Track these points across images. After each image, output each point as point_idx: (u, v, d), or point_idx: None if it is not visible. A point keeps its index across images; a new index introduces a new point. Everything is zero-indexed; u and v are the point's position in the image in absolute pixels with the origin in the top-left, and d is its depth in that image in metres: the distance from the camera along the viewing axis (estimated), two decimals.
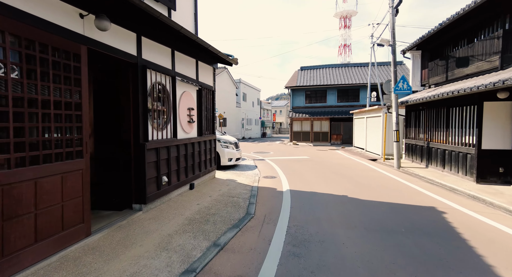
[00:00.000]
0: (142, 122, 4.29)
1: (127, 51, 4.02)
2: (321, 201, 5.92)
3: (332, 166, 11.06)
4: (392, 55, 11.25)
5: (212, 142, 7.32)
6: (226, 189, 6.45)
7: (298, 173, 9.41)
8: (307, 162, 12.22)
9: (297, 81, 26.02)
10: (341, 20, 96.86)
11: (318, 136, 25.05)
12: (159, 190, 4.69)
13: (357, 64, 27.74)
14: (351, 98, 24.85)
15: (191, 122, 5.97)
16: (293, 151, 17.14)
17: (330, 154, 15.60)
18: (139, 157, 4.25)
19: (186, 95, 5.83)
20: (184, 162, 5.65)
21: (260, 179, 8.35)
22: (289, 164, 11.57)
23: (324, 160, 12.97)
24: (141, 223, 3.99)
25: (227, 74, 31.87)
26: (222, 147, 10.01)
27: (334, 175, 9.08)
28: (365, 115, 17.20)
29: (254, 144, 23.62)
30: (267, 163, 11.73)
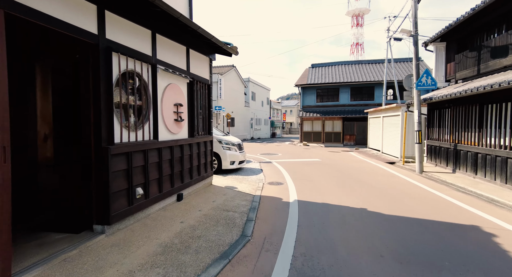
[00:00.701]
0: (106, 119, 3.34)
1: (83, 27, 3.08)
2: (335, 216, 4.85)
3: (346, 170, 9.93)
4: (414, 46, 10.03)
5: (208, 144, 6.34)
6: (222, 200, 5.46)
7: (308, 178, 8.34)
8: (318, 165, 11.12)
9: (308, 79, 24.86)
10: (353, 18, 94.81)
11: (330, 136, 23.84)
12: (131, 206, 3.74)
13: (371, 61, 26.36)
14: (365, 97, 23.52)
15: (178, 120, 5.00)
16: (303, 153, 16.04)
17: (343, 156, 14.43)
18: (101, 164, 3.30)
19: (172, 89, 4.87)
20: (168, 168, 4.68)
21: (265, 186, 7.33)
22: (298, 167, 10.50)
23: (337, 163, 11.84)
24: (98, 252, 3.03)
25: (235, 73, 30.97)
26: (224, 149, 9.04)
27: (349, 181, 7.97)
28: (382, 114, 15.94)
29: (262, 145, 22.60)
30: (274, 167, 10.70)
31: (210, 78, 6.53)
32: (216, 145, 9.02)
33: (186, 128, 5.40)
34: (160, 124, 4.48)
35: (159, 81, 4.49)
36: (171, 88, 4.81)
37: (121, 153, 3.53)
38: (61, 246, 2.94)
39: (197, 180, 5.80)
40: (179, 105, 5.02)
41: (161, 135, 4.52)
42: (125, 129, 3.72)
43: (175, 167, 4.86)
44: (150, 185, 4.16)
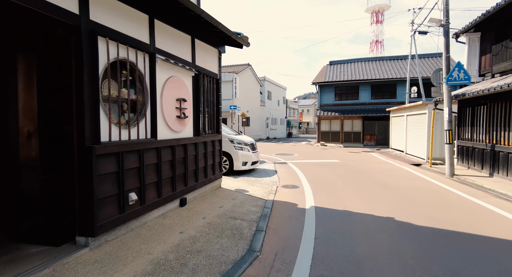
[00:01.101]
0: (90, 115, 2.88)
1: (61, 5, 2.62)
2: (358, 227, 4.21)
3: (367, 172, 9.16)
4: (445, 37, 9.13)
5: (216, 144, 5.83)
6: (230, 206, 4.92)
7: (326, 181, 7.67)
8: (337, 167, 10.39)
9: (326, 76, 23.99)
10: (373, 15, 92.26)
11: (349, 136, 22.88)
12: (122, 214, 3.27)
13: (393, 57, 25.14)
14: (386, 95, 22.41)
15: (181, 117, 4.51)
16: (320, 153, 15.30)
17: (364, 157, 13.59)
18: (84, 167, 2.84)
19: (175, 82, 4.39)
20: (169, 171, 4.20)
21: (278, 189, 6.74)
22: (315, 169, 9.83)
23: (357, 164, 11.06)
24: (76, 271, 2.56)
25: (250, 71, 30.49)
26: (236, 149, 8.52)
27: (371, 185, 7.24)
28: (405, 113, 14.94)
29: (277, 145, 21.97)
30: (289, 168, 10.08)
31: (219, 72, 6.01)
32: (227, 144, 8.53)
33: (191, 126, 4.90)
34: (159, 121, 4.00)
35: (159, 73, 4.01)
36: (173, 81, 4.32)
37: (109, 154, 3.06)
38: (33, 263, 2.49)
39: (204, 183, 5.30)
40: (182, 100, 4.53)
41: (161, 133, 4.04)
42: (116, 126, 3.25)
43: (177, 169, 4.37)
44: (146, 189, 3.69)
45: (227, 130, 9.64)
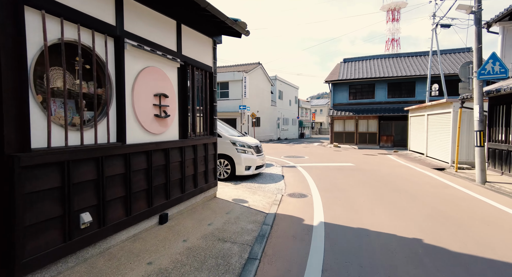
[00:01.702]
0: (13, 111, 2.13)
1: None
2: (379, 254, 3.31)
3: (386, 178, 8.17)
4: (476, 26, 8.03)
5: (210, 148, 5.04)
6: (222, 222, 4.12)
7: (339, 188, 6.76)
8: (352, 171, 9.42)
9: (340, 74, 22.90)
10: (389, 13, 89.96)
11: (364, 137, 21.72)
12: (69, 242, 2.51)
13: (411, 53, 23.77)
14: (404, 93, 21.12)
15: (161, 116, 3.74)
16: (333, 156, 14.30)
17: (381, 160, 12.52)
18: (3, 182, 2.10)
19: (152, 73, 3.62)
20: (143, 182, 3.43)
21: (284, 199, 5.90)
22: (327, 174, 8.90)
23: (374, 168, 10.05)
24: None
25: (261, 70, 29.68)
26: (238, 151, 7.73)
27: (392, 194, 6.28)
28: (426, 112, 13.77)
29: (288, 146, 21.05)
30: (299, 172, 9.19)
31: (214, 64, 5.22)
32: (228, 147, 7.75)
33: (176, 127, 4.12)
34: (129, 120, 3.24)
35: (130, 61, 3.25)
36: (150, 73, 3.56)
37: (46, 164, 2.31)
38: None
39: (193, 194, 4.51)
40: (162, 96, 3.76)
41: (132, 136, 3.28)
42: (61, 127, 2.51)
43: (155, 179, 3.60)
44: (108, 207, 2.93)
45: (230, 130, 8.86)
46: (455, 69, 18.90)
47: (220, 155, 7.80)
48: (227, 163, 7.77)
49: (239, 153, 7.71)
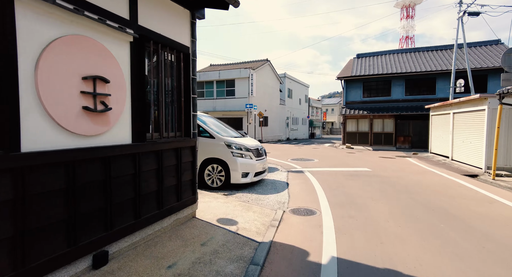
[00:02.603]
0: None
1: None
2: None
3: (412, 188, 6.78)
4: None
5: (185, 154, 3.81)
6: (191, 261, 2.89)
7: (356, 203, 5.44)
8: (369, 179, 8.05)
9: (353, 70, 21.40)
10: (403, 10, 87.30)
11: (379, 138, 20.17)
12: None
13: (431, 47, 22.04)
14: (424, 90, 19.48)
15: (97, 110, 2.54)
16: (346, 159, 12.90)
17: (400, 165, 11.07)
18: None
19: (79, 46, 2.42)
20: (59, 209, 2.24)
21: (285, 217, 4.63)
22: (340, 182, 7.57)
23: (395, 175, 8.64)
24: None
25: (269, 67, 28.41)
26: (234, 155, 6.50)
27: (426, 213, 4.91)
28: (452, 110, 12.23)
29: (296, 148, 19.69)
30: (306, 179, 7.89)
31: (193, 44, 3.99)
32: (222, 150, 6.53)
33: (126, 126, 2.91)
34: (29, 114, 2.05)
35: (28, 21, 2.06)
36: (74, 44, 2.36)
37: None
38: None
39: (156, 218, 3.30)
40: (99, 80, 2.56)
41: (36, 138, 2.10)
42: None
43: (82, 204, 2.41)
44: None
45: (228, 131, 7.65)
46: (481, 64, 17.17)
47: (212, 160, 6.60)
48: (220, 169, 6.55)
49: (234, 157, 6.48)
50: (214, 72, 25.18)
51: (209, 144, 6.63)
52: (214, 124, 7.51)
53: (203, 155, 6.61)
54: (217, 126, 7.60)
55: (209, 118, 7.67)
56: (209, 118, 7.64)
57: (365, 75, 20.25)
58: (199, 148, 6.59)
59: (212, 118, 7.84)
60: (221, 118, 25.46)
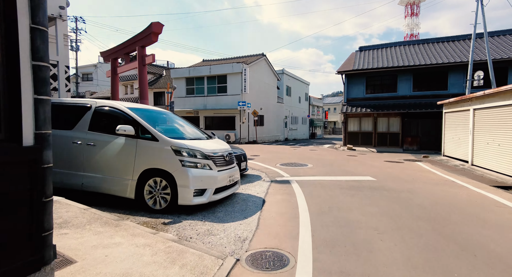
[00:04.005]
0: None
1: None
2: None
3: (432, 209, 4.85)
4: None
5: (9, 176, 1.93)
6: None
7: (354, 241, 3.52)
8: (374, 193, 6.14)
9: (355, 64, 19.46)
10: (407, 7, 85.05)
11: (384, 138, 18.25)
12: None
13: (442, 38, 20.04)
14: (434, 85, 17.52)
15: None
16: (346, 163, 10.98)
17: (411, 172, 9.13)
18: None
19: None
20: None
21: (235, 273, 2.76)
22: (334, 199, 5.66)
23: (407, 187, 6.71)
24: None
25: (265, 63, 26.52)
26: (185, 165, 4.62)
27: (464, 259, 2.98)
28: (472, 106, 10.28)
29: (291, 149, 17.79)
30: (291, 194, 5.99)
31: None
32: (167, 157, 4.67)
33: None
34: None
35: None
36: None
37: None
38: None
39: None
40: None
41: None
42: None
43: None
44: None
45: (187, 130, 5.79)
46: (501, 55, 15.17)
47: (155, 171, 4.73)
48: (165, 185, 4.68)
49: (184, 167, 4.60)
50: (204, 67, 23.35)
51: (150, 149, 4.77)
52: (162, 120, 5.67)
53: (142, 164, 4.75)
54: (166, 123, 5.76)
55: (159, 114, 5.81)
56: (158, 114, 5.78)
57: (368, 68, 18.31)
58: (137, 154, 4.75)
59: (164, 113, 5.98)
60: (212, 117, 23.62)
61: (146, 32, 14.87)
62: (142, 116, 5.11)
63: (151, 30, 14.44)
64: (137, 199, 4.79)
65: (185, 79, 24.43)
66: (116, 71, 18.67)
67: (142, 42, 15.29)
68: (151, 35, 14.55)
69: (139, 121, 4.90)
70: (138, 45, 15.55)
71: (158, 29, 14.43)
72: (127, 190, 4.84)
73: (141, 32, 15.35)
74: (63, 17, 10.61)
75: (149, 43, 15.05)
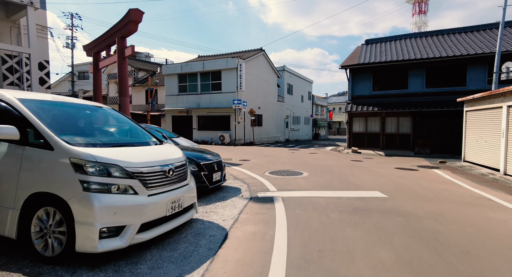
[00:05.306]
0: None
1: None
2: None
3: (477, 254, 3.06)
4: None
5: None
6: None
7: None
8: (385, 221, 4.34)
9: (361, 58, 17.61)
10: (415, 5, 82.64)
11: (393, 140, 16.42)
12: None
13: (458, 29, 18.07)
14: (450, 81, 15.62)
15: None
16: (349, 172, 9.19)
17: (430, 184, 7.30)
18: None
19: None
20: None
21: None
22: (330, 231, 3.87)
23: (428, 209, 4.89)
24: None
25: (263, 58, 24.77)
26: (89, 189, 2.94)
27: None
28: (505, 102, 8.43)
29: (288, 153, 16.01)
30: (269, 222, 4.23)
31: None
32: (63, 176, 2.96)
33: None
34: None
35: None
36: None
37: None
38: None
39: None
40: None
41: None
42: None
43: None
44: None
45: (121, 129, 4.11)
46: None
47: (47, 197, 3.04)
48: (60, 219, 2.98)
49: (88, 192, 2.89)
50: (197, 63, 21.68)
51: (42, 161, 3.10)
52: (89, 120, 3.99)
53: (28, 186, 3.07)
54: (93, 124, 4.07)
55: (83, 110, 4.10)
56: (81, 110, 4.07)
57: (375, 62, 16.45)
58: (23, 169, 3.08)
59: (96, 109, 4.27)
60: (206, 116, 21.95)
61: (125, 21, 13.22)
62: (43, 112, 3.43)
63: (130, 18, 12.77)
64: (20, 239, 3.11)
65: (177, 76, 22.79)
66: (98, 66, 17.06)
67: (121, 32, 13.63)
68: (130, 24, 12.88)
69: (30, 119, 3.21)
70: (118, 36, 13.90)
71: (137, 17, 12.77)
72: (5, 225, 3.16)
73: (119, 21, 13.71)
74: (35, 4, 9.05)
75: (128, 33, 13.39)
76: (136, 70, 30.73)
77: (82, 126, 3.84)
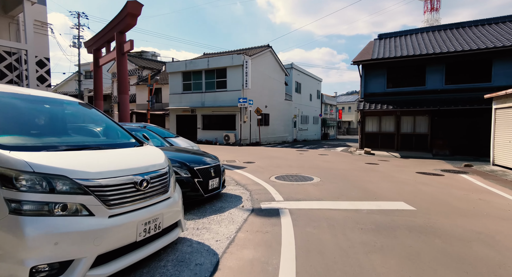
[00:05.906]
0: None
1: None
2: None
3: None
4: None
5: None
6: None
7: None
8: (417, 243, 3.37)
9: (374, 53, 16.55)
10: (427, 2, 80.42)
11: (409, 141, 15.34)
12: None
13: (481, 20, 16.84)
14: (472, 77, 14.45)
15: None
16: (365, 176, 8.22)
17: (461, 192, 6.29)
18: None
19: None
20: None
21: None
22: (349, 259, 2.95)
23: (470, 229, 3.90)
24: None
25: (271, 55, 23.87)
26: (20, 210, 2.08)
27: None
28: None
29: (296, 154, 15.08)
30: (272, 244, 3.33)
31: None
32: None
33: None
34: None
35: None
36: None
37: None
38: None
39: None
40: None
41: None
42: None
43: None
44: None
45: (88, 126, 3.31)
46: None
47: None
48: None
49: (16, 216, 2.06)
50: (202, 60, 20.92)
51: None
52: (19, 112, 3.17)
53: None
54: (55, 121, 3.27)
55: (40, 103, 3.28)
56: (38, 104, 3.25)
57: (390, 58, 15.37)
58: None
59: (60, 103, 3.46)
60: (210, 115, 21.18)
61: (123, 14, 12.50)
62: None
63: (127, 11, 12.04)
64: None
65: (182, 74, 22.08)
66: (98, 63, 16.46)
67: (120, 27, 12.93)
68: (128, 17, 12.15)
69: None
70: (116, 31, 13.20)
71: (135, 10, 12.03)
72: None
73: (117, 14, 13.00)
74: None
75: (127, 27, 12.67)
76: (140, 69, 30.19)
77: (32, 123, 3.03)
